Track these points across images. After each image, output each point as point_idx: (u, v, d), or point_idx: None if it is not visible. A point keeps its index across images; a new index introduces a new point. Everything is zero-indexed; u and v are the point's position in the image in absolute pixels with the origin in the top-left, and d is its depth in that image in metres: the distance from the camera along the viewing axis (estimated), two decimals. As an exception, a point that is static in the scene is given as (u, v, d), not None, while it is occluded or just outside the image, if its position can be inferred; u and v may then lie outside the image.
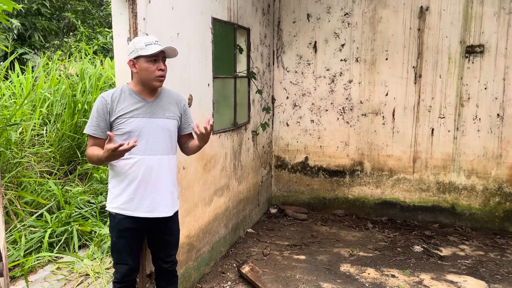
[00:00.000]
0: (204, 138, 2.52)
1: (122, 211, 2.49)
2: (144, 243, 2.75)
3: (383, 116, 5.37)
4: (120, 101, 2.44)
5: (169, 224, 2.65)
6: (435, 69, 5.12)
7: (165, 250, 2.70)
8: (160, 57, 2.43)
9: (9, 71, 6.90)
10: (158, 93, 2.56)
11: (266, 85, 5.51)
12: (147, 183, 2.47)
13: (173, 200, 2.63)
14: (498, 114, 4.98)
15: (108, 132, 2.25)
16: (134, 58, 2.42)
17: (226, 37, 4.26)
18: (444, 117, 5.16)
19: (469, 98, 5.05)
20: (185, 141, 2.74)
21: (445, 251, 4.51)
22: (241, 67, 4.71)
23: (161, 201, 2.53)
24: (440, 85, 5.13)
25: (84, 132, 2.51)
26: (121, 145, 2.20)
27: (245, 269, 3.81)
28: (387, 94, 5.33)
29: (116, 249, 2.56)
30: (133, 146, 2.23)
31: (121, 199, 2.48)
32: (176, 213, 2.70)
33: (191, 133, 2.74)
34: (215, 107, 3.96)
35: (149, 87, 2.48)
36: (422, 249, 4.55)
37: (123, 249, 2.55)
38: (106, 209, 2.57)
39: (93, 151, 2.41)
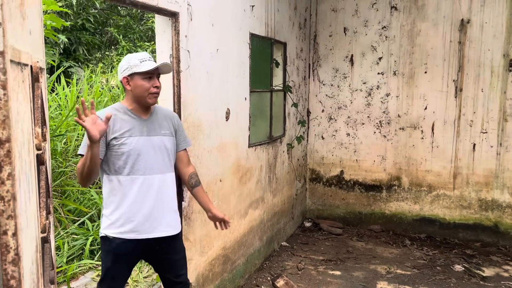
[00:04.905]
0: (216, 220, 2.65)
1: (123, 235, 2.34)
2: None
3: (422, 130, 5.26)
4: (116, 120, 2.33)
5: (173, 243, 2.51)
6: (476, 83, 4.98)
7: (172, 271, 2.55)
8: (155, 74, 2.36)
9: (55, 83, 7.23)
10: (152, 111, 2.47)
11: (302, 98, 5.52)
12: (149, 203, 2.37)
13: (177, 218, 2.53)
14: (545, 130, 4.77)
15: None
16: (128, 76, 2.33)
17: (263, 51, 4.31)
18: (486, 132, 4.99)
19: (513, 113, 4.87)
20: (181, 158, 2.61)
21: (488, 271, 4.33)
22: (277, 81, 4.75)
23: (161, 220, 2.41)
24: (482, 99, 4.98)
25: (78, 153, 2.37)
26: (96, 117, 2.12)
27: (280, 283, 3.80)
28: (426, 108, 5.22)
29: (110, 275, 2.39)
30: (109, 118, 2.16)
31: (121, 222, 2.35)
32: (180, 232, 2.58)
33: (185, 150, 2.63)
34: (251, 120, 4.01)
35: (144, 104, 2.38)
36: (463, 268, 4.39)
37: (118, 274, 2.42)
38: (101, 234, 2.39)
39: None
